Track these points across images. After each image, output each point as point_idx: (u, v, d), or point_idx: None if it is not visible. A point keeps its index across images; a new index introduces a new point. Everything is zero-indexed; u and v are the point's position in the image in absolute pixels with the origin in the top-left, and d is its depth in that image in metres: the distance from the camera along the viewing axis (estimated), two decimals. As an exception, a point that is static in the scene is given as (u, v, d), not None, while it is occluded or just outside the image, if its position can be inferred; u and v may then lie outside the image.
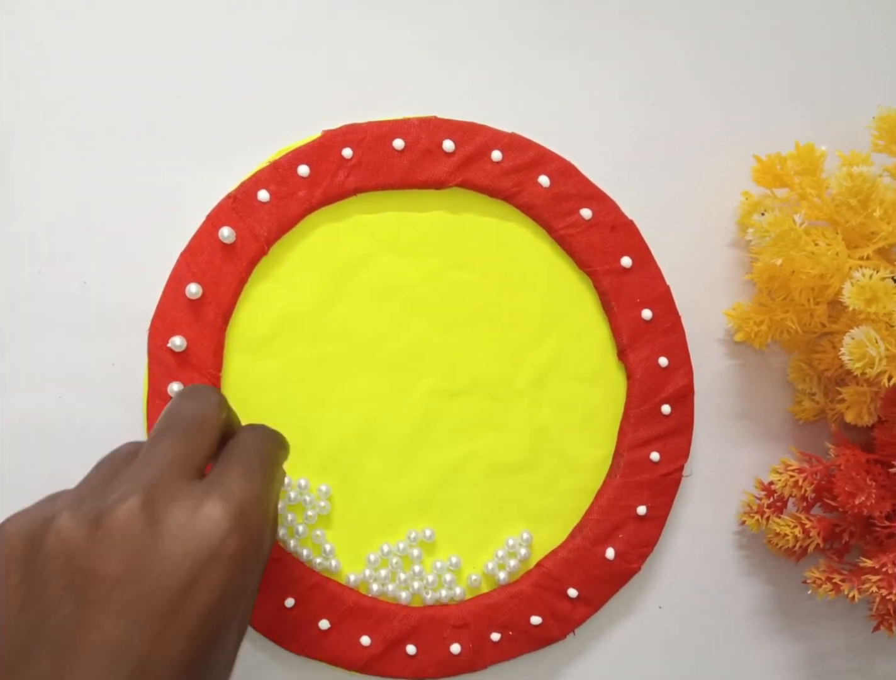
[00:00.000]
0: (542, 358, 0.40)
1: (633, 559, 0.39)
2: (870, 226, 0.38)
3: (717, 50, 0.43)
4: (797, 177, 0.40)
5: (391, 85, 0.41)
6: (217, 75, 0.40)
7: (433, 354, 0.39)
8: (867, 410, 0.38)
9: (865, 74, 0.43)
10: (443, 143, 0.39)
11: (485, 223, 0.40)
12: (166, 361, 0.37)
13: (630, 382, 0.40)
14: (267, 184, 0.38)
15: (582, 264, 0.40)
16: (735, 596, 0.42)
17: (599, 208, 0.40)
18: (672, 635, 0.41)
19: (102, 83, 0.40)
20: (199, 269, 0.38)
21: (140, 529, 0.26)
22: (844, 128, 0.41)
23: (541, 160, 0.40)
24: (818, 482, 0.39)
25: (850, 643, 0.42)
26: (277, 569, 0.37)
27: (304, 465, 0.38)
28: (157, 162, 0.40)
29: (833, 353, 0.39)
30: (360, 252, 0.39)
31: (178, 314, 0.38)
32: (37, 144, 0.39)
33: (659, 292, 0.40)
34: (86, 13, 0.40)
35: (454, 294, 0.40)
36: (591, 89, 0.42)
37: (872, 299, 0.35)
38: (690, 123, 0.42)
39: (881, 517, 0.38)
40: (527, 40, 0.42)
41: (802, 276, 0.38)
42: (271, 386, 0.38)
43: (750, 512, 0.40)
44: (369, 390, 0.39)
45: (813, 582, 0.39)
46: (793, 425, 0.42)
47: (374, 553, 0.38)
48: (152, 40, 0.40)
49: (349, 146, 0.39)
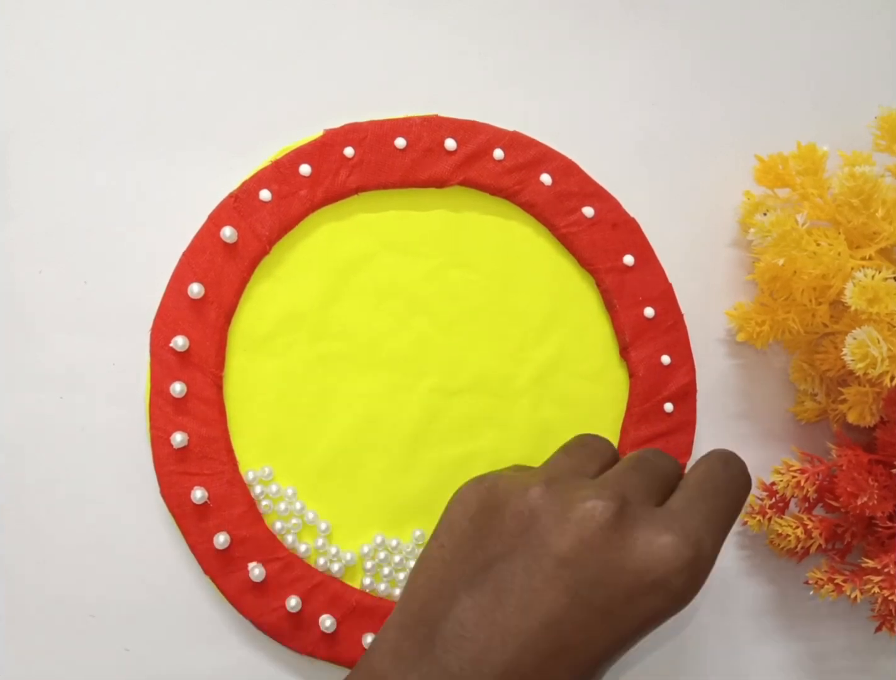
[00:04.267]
0: (544, 356, 0.40)
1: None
2: (872, 226, 0.38)
3: (719, 49, 0.43)
4: (799, 177, 0.40)
5: (393, 84, 0.41)
6: (218, 75, 0.40)
7: (435, 353, 0.39)
8: (869, 411, 0.38)
9: (867, 74, 0.43)
10: (444, 142, 0.39)
11: (487, 222, 0.40)
12: (168, 360, 0.37)
13: (632, 380, 0.40)
14: (269, 183, 0.38)
15: (584, 262, 0.40)
16: (736, 596, 0.42)
17: (601, 206, 0.40)
18: (673, 635, 0.41)
19: (102, 83, 0.40)
20: (200, 268, 0.38)
21: (604, 532, 0.28)
22: (846, 128, 0.41)
23: (542, 158, 0.40)
24: (820, 483, 0.39)
25: (852, 644, 0.42)
26: (280, 568, 0.37)
27: (305, 464, 0.38)
28: (157, 161, 0.40)
29: (835, 353, 0.39)
30: (362, 251, 0.39)
31: (180, 314, 0.37)
32: (37, 144, 0.39)
33: (661, 290, 0.40)
34: (86, 13, 0.40)
35: (456, 293, 0.40)
36: (593, 88, 0.42)
37: (874, 299, 0.35)
38: (692, 122, 0.42)
39: (883, 518, 0.38)
40: (528, 39, 0.42)
41: (804, 277, 0.38)
42: (273, 385, 0.38)
43: (752, 512, 0.40)
44: (371, 389, 0.39)
45: (815, 583, 0.39)
46: (794, 426, 0.42)
47: (367, 545, 0.38)
48: (152, 40, 0.40)
49: (351, 145, 0.39)
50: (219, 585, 0.37)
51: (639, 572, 0.28)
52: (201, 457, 0.37)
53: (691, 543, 0.28)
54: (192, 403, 0.37)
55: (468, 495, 0.30)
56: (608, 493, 0.29)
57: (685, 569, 0.28)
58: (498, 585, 0.28)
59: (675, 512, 0.29)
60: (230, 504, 0.37)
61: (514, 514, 0.29)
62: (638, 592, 0.27)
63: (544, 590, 0.27)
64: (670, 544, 0.28)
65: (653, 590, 0.28)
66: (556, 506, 0.29)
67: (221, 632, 0.38)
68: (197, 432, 0.37)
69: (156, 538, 0.38)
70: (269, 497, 0.38)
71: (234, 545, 0.37)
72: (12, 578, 0.37)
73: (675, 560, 0.28)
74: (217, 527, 0.37)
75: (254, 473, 0.38)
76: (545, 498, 0.29)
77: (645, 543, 0.28)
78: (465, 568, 0.29)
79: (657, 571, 0.28)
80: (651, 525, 0.28)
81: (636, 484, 0.30)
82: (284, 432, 0.38)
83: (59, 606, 0.37)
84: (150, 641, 0.37)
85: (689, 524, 0.29)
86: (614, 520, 0.28)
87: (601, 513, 0.28)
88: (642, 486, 0.30)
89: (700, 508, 0.30)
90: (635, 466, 0.31)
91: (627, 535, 0.28)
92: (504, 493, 0.30)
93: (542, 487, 0.29)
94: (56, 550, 0.37)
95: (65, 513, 0.38)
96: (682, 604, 0.28)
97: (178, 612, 0.38)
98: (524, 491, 0.29)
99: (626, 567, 0.28)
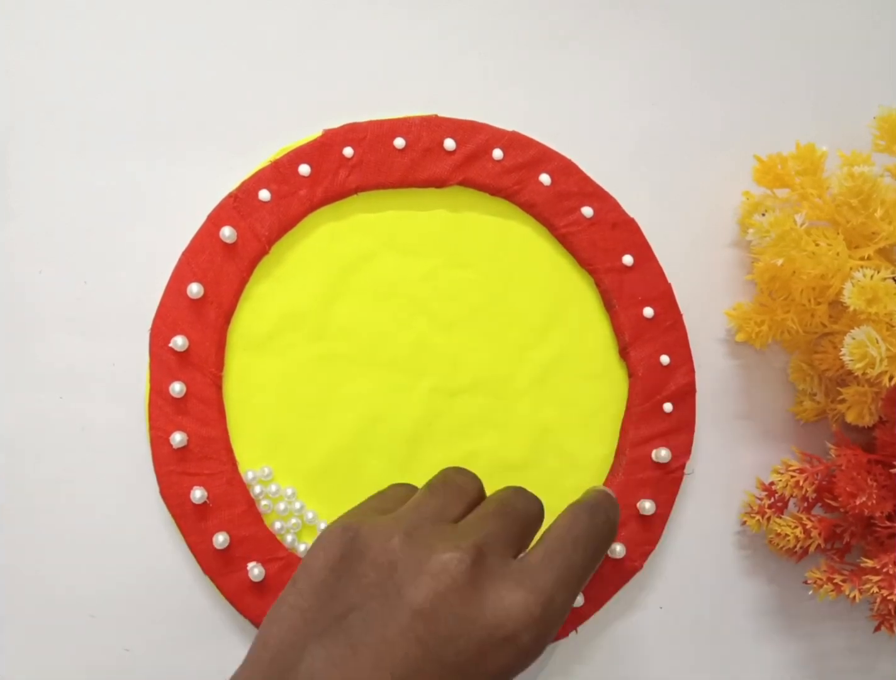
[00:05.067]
0: (543, 356, 0.40)
1: (636, 557, 0.39)
2: (871, 226, 0.38)
3: (718, 49, 0.43)
4: (798, 177, 0.40)
5: (392, 84, 0.41)
6: (218, 75, 0.40)
7: (435, 353, 0.39)
8: (868, 411, 0.38)
9: (866, 74, 0.43)
10: (444, 142, 0.39)
11: (486, 222, 0.40)
12: (168, 360, 0.37)
13: (632, 379, 0.40)
14: (268, 183, 0.38)
15: (583, 262, 0.40)
16: (736, 596, 0.42)
17: (601, 206, 0.40)
18: (673, 635, 0.41)
19: (102, 83, 0.40)
20: (200, 268, 0.38)
21: (458, 585, 0.28)
22: (845, 128, 0.41)
23: (542, 158, 0.40)
24: (819, 482, 0.39)
25: (851, 643, 0.42)
26: (280, 568, 0.37)
27: (305, 464, 0.38)
28: (157, 162, 0.40)
29: (834, 353, 0.39)
30: (362, 251, 0.39)
31: (180, 314, 0.38)
32: (37, 144, 0.39)
33: (660, 290, 0.40)
34: (86, 13, 0.40)
35: (455, 293, 0.40)
36: (592, 88, 0.42)
37: (873, 299, 0.35)
38: (691, 123, 0.42)
39: (882, 517, 0.38)
40: (528, 39, 0.42)
41: (803, 277, 0.38)
42: (273, 385, 0.38)
43: (751, 512, 0.40)
44: (371, 389, 0.39)
45: (814, 582, 0.39)
46: (794, 425, 0.42)
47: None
48: (152, 40, 0.40)
49: (350, 145, 0.39)
50: (218, 585, 0.37)
51: (489, 627, 0.27)
52: (201, 457, 0.37)
53: (541, 601, 0.28)
54: (191, 402, 0.37)
55: (331, 542, 0.30)
56: (465, 545, 0.28)
57: (533, 626, 0.28)
58: (352, 635, 0.27)
59: (529, 567, 0.29)
60: (230, 504, 0.37)
61: (373, 563, 0.29)
62: (489, 648, 0.27)
63: (398, 642, 0.27)
64: (521, 601, 0.28)
65: (502, 645, 0.28)
66: (415, 557, 0.28)
67: (221, 632, 0.38)
68: (196, 432, 0.37)
69: (156, 538, 0.38)
70: (268, 497, 0.38)
71: (234, 545, 0.37)
72: (12, 577, 0.37)
73: (525, 617, 0.28)
74: (217, 527, 0.37)
75: (253, 472, 0.38)
76: (404, 549, 0.29)
77: (497, 599, 0.28)
78: (320, 617, 0.28)
79: (507, 627, 0.28)
80: (504, 580, 0.28)
81: (496, 532, 0.30)
82: (284, 432, 0.38)
83: (59, 606, 0.37)
84: (150, 641, 0.37)
85: (541, 580, 0.29)
86: (469, 573, 0.28)
87: (456, 566, 0.28)
88: (502, 534, 0.30)
89: (556, 563, 0.29)
90: (496, 511, 0.31)
91: (480, 588, 0.28)
92: (365, 542, 0.29)
93: (402, 537, 0.29)
94: (56, 550, 0.37)
95: (65, 513, 0.38)
96: (531, 659, 0.28)
97: (178, 612, 0.38)
98: (385, 541, 0.29)
99: (478, 622, 0.27)
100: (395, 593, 0.28)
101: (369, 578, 0.28)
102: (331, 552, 0.29)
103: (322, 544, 0.30)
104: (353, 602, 0.28)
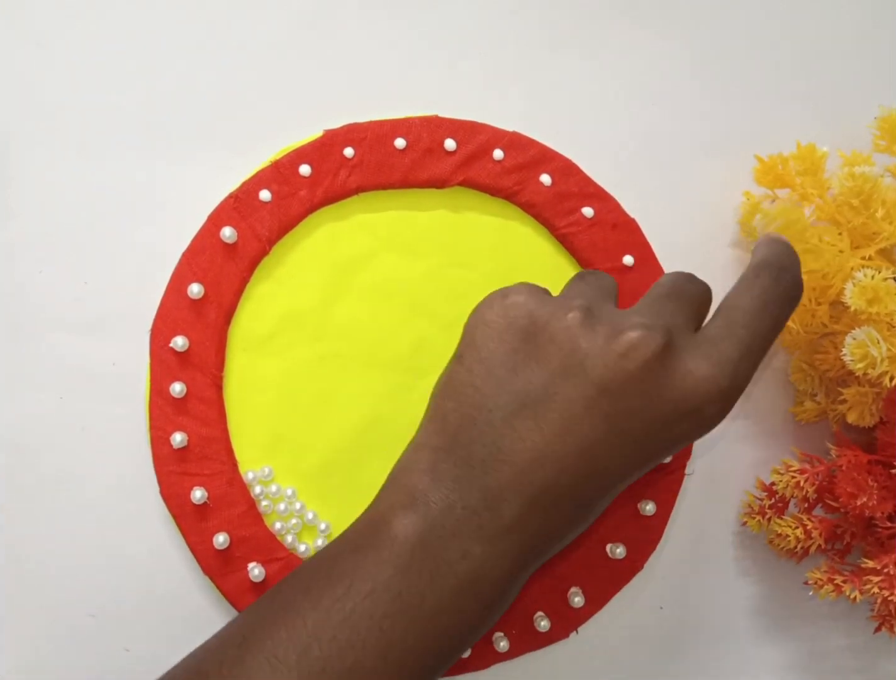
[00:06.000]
0: (544, 357, 0.40)
1: (636, 557, 0.39)
2: (872, 226, 0.38)
3: (718, 50, 0.43)
4: (799, 177, 0.40)
5: (392, 84, 0.41)
6: (218, 75, 0.40)
7: (435, 353, 0.39)
8: (869, 411, 0.38)
9: (867, 74, 0.43)
10: (444, 142, 0.39)
11: (486, 222, 0.40)
12: (168, 360, 0.37)
13: (632, 381, 0.40)
14: (268, 183, 0.38)
15: (583, 263, 0.40)
16: (736, 596, 0.42)
17: (601, 207, 0.40)
18: (673, 635, 0.41)
19: (102, 83, 0.40)
20: (200, 269, 0.38)
21: (649, 364, 0.28)
22: (846, 128, 0.41)
23: (542, 159, 0.40)
24: (819, 483, 0.39)
25: (852, 644, 0.42)
26: (280, 568, 0.37)
27: (305, 464, 0.38)
28: (157, 162, 0.40)
29: (834, 353, 0.39)
30: (362, 251, 0.39)
31: (180, 314, 0.38)
32: (37, 144, 0.39)
33: (661, 291, 0.40)
34: (86, 13, 0.40)
35: (456, 293, 0.40)
36: (592, 88, 0.42)
37: (874, 300, 0.35)
38: (692, 123, 0.42)
39: (883, 518, 0.37)
40: (528, 39, 0.42)
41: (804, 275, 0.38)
42: (273, 385, 0.38)
43: (751, 513, 0.40)
44: (371, 389, 0.39)
45: (814, 583, 0.39)
46: (794, 426, 0.42)
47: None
48: (152, 40, 0.40)
49: (351, 145, 0.39)
50: (219, 585, 0.37)
51: (676, 401, 0.28)
52: (201, 457, 0.37)
53: (728, 373, 0.28)
54: (191, 403, 0.37)
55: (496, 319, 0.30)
56: (653, 325, 0.29)
57: (719, 399, 0.28)
58: (536, 411, 0.28)
59: (715, 340, 0.29)
60: (230, 504, 0.37)
61: (552, 340, 0.29)
62: (674, 420, 0.28)
63: (584, 417, 0.28)
64: (708, 375, 0.28)
65: (687, 417, 0.28)
66: (600, 335, 0.29)
67: (221, 632, 0.38)
68: (197, 432, 0.37)
69: (156, 538, 0.38)
70: (268, 497, 0.38)
71: (234, 545, 0.37)
72: (13, 578, 0.37)
73: (714, 390, 0.28)
74: (217, 527, 0.37)
75: (253, 473, 0.38)
76: (585, 325, 0.29)
77: (685, 374, 0.28)
78: (500, 393, 0.29)
79: (693, 401, 0.28)
80: (691, 356, 0.29)
81: (675, 312, 0.30)
82: (284, 432, 0.38)
83: (59, 606, 0.37)
84: (150, 641, 0.37)
85: (727, 353, 0.29)
86: (660, 353, 0.28)
87: (649, 345, 0.28)
88: (681, 314, 0.30)
89: (741, 335, 0.29)
90: (670, 293, 0.31)
91: (669, 366, 0.28)
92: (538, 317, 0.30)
93: (582, 314, 0.29)
94: (56, 551, 0.37)
95: (65, 513, 0.38)
96: (710, 429, 0.29)
97: (178, 612, 0.38)
98: (562, 317, 0.29)
99: (665, 396, 0.28)
100: (580, 371, 0.28)
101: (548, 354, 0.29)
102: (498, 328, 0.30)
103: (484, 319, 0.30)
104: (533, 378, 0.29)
